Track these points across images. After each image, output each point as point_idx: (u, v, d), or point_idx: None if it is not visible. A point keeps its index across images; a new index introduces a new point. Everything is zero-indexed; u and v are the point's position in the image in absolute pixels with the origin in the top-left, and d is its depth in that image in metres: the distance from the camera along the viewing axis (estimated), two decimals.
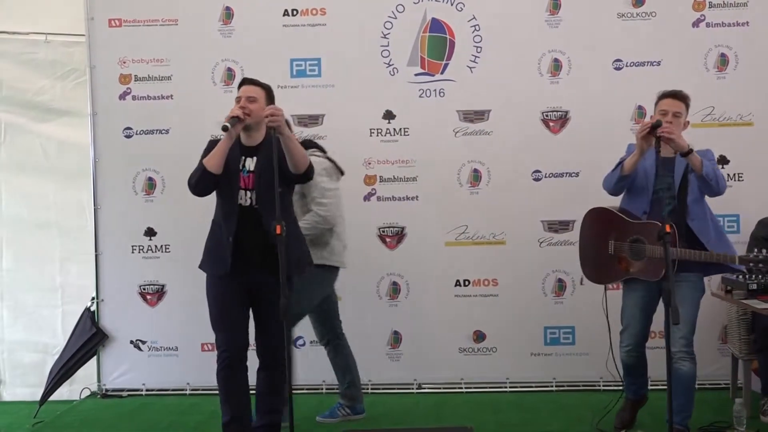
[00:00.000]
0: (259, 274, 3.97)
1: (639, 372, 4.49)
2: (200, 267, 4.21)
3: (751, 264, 4.04)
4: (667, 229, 3.77)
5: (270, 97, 4.15)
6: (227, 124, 3.91)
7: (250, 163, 4.07)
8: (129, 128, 5.71)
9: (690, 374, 4.22)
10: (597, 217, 4.50)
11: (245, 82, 4.20)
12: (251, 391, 4.16)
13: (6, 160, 5.89)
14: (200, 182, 4.02)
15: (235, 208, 4.00)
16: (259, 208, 4.00)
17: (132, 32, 5.68)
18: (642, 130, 4.12)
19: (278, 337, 4.05)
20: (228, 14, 5.67)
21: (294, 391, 3.78)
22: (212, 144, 4.11)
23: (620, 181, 4.30)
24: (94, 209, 5.71)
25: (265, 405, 4.19)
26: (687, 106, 4.34)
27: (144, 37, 5.68)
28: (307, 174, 4.09)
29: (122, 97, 5.71)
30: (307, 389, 5.58)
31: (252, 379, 4.19)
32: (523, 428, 4.81)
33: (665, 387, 4.14)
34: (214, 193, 4.12)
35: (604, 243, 4.41)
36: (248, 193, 4.03)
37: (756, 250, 4.06)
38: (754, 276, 4.17)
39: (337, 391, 5.04)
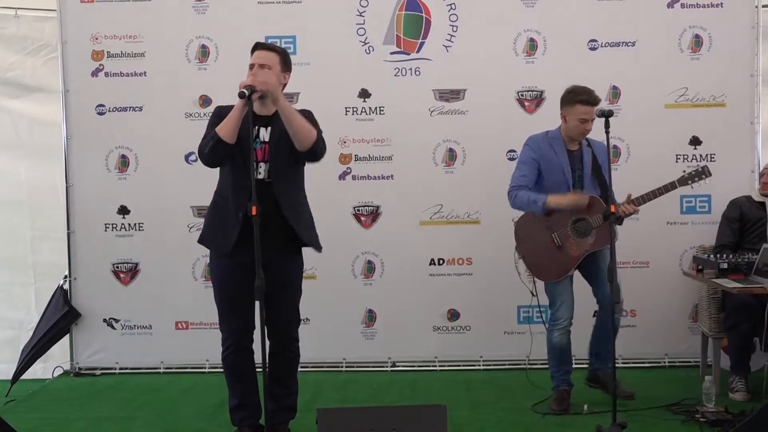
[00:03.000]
0: (268, 251, 3.69)
1: (569, 353, 4.71)
2: (200, 242, 4.05)
3: (689, 180, 4.53)
4: (612, 209, 4.11)
5: (285, 63, 3.94)
6: (244, 91, 3.68)
7: (264, 134, 3.90)
8: (102, 105, 5.65)
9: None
10: (529, 223, 4.66)
11: (258, 47, 3.94)
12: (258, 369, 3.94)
13: None
14: (214, 152, 3.82)
15: (248, 182, 3.71)
16: (273, 181, 3.86)
17: (104, 8, 5.60)
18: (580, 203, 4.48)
19: (291, 319, 4.03)
20: None
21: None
22: (220, 110, 3.92)
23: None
24: (66, 187, 5.65)
25: (281, 389, 4.03)
26: None
27: (117, 13, 5.60)
28: (314, 151, 3.87)
29: (95, 73, 5.64)
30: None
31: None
32: (496, 405, 4.83)
33: (634, 366, 4.27)
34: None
35: (548, 240, 4.59)
36: (262, 165, 3.87)
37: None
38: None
39: None
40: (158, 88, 5.62)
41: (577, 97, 4.52)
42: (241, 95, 3.71)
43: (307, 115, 3.97)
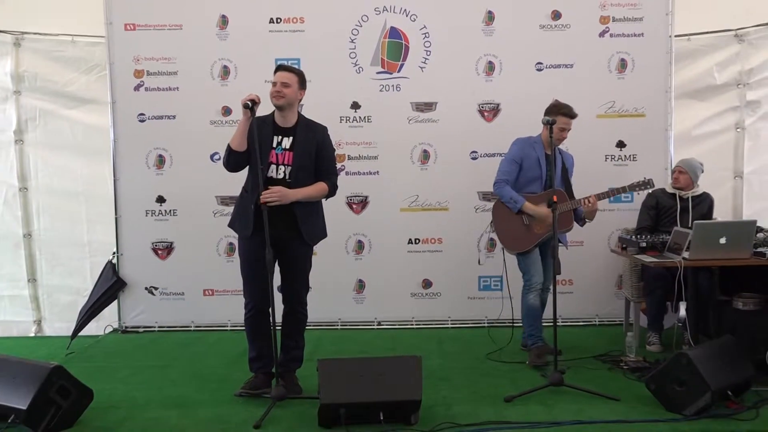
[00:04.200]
0: (281, 231, 3.82)
1: (541, 313, 4.69)
2: (230, 226, 4.08)
3: (636, 188, 4.69)
4: (554, 198, 4.16)
5: (302, 82, 3.94)
6: (248, 103, 3.74)
7: (287, 142, 3.90)
8: (142, 114, 5.62)
9: None
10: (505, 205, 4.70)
11: (280, 68, 3.94)
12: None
13: (42, 139, 5.76)
14: (230, 161, 3.88)
15: (263, 181, 3.76)
16: (292, 182, 3.86)
17: (144, 35, 5.56)
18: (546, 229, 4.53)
19: (301, 287, 4.04)
20: (224, 21, 5.57)
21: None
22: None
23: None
24: (114, 180, 5.63)
25: (290, 342, 4.07)
26: None
27: (154, 39, 5.56)
28: (330, 196, 4.07)
29: (136, 88, 5.61)
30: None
31: None
32: (461, 356, 4.89)
33: (571, 324, 4.25)
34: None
35: (518, 220, 4.62)
36: (282, 167, 3.87)
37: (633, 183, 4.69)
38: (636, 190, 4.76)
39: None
40: (188, 100, 5.59)
41: (561, 110, 4.59)
42: (246, 106, 3.77)
43: (329, 155, 4.08)
